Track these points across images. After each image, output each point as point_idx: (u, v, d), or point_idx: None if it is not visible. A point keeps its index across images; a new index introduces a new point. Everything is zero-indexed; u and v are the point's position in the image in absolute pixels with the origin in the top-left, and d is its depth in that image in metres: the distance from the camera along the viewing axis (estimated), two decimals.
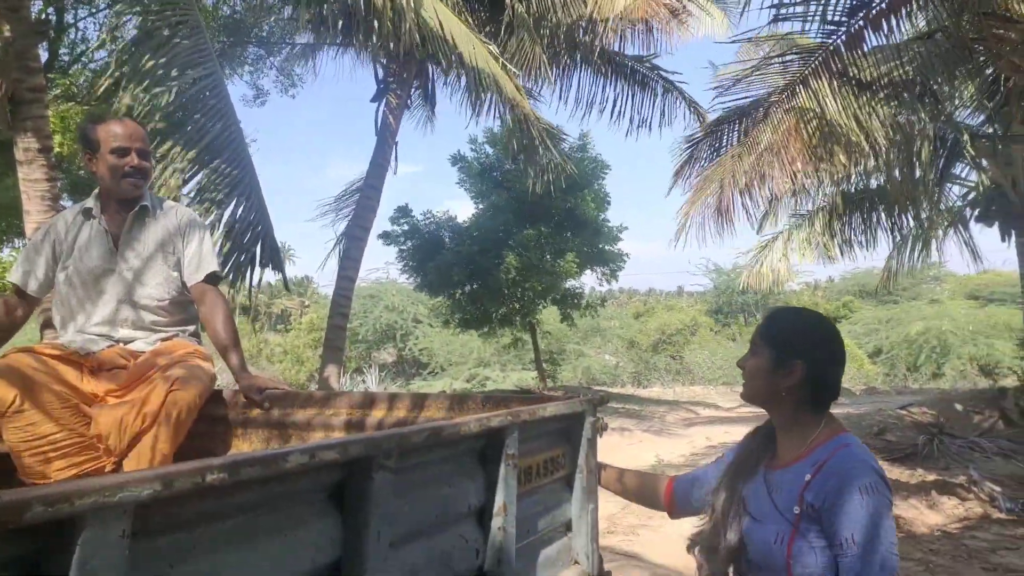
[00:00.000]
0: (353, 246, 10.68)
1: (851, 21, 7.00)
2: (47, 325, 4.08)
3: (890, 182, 10.24)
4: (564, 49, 11.55)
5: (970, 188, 12.13)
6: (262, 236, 6.83)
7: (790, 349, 1.71)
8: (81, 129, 2.79)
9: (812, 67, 7.46)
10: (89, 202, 2.78)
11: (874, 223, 12.54)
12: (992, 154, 10.23)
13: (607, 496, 2.31)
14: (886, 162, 9.79)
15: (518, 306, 17.04)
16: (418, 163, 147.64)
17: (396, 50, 8.58)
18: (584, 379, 27.16)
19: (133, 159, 2.67)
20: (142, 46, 6.02)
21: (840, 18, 6.99)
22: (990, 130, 10.37)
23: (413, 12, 7.38)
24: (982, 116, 10.41)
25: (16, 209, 7.22)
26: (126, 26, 6.69)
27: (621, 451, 9.71)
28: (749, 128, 9.31)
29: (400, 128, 11.34)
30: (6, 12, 4.58)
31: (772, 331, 1.78)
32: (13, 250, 13.01)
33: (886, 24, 6.86)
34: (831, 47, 7.23)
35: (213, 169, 6.51)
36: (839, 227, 12.61)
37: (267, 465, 1.09)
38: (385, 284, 30.63)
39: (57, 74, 11.86)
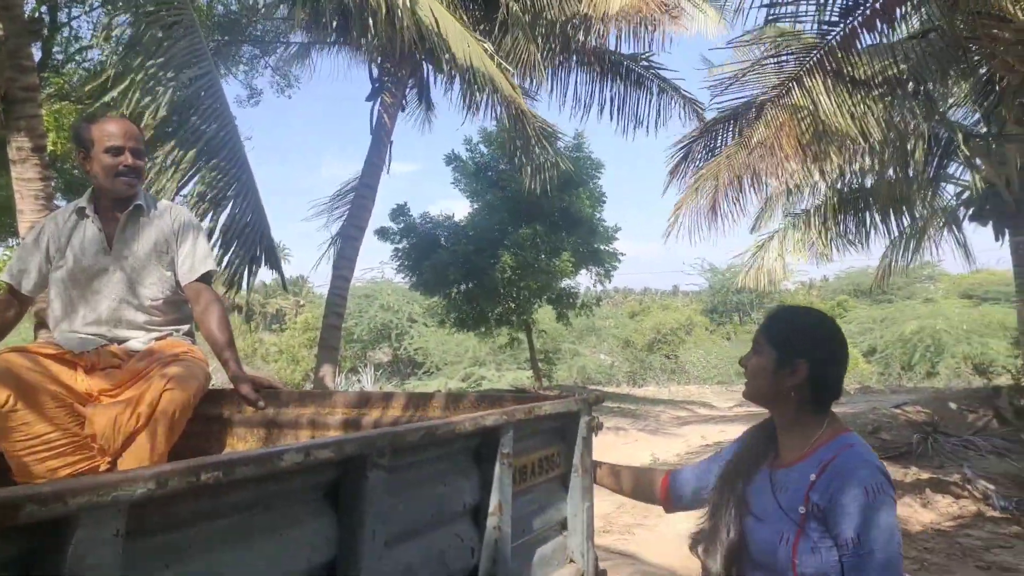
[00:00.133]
0: (348, 245, 10.67)
1: (845, 22, 7.02)
2: (41, 325, 4.07)
3: (884, 181, 10.27)
4: (559, 47, 11.53)
5: (964, 187, 12.16)
6: (259, 236, 6.82)
7: (794, 348, 1.71)
8: (75, 128, 2.78)
9: (807, 67, 7.47)
10: (83, 201, 2.76)
11: (868, 222, 12.54)
12: (986, 153, 10.26)
13: (602, 495, 2.31)
14: (880, 161, 9.82)
15: (514, 305, 17.03)
16: (416, 161, 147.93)
17: (391, 49, 8.56)
18: (579, 378, 27.14)
19: (127, 158, 2.66)
20: (136, 47, 6.00)
21: (834, 18, 7.01)
22: (984, 129, 10.39)
23: (409, 11, 7.37)
24: (976, 115, 10.44)
25: (10, 208, 7.20)
26: (120, 26, 6.66)
27: (616, 450, 9.71)
28: (744, 127, 9.31)
29: (396, 127, 11.36)
30: None
31: (775, 330, 1.78)
32: (7, 249, 12.96)
33: (880, 23, 6.89)
34: (825, 47, 7.25)
35: (210, 169, 6.50)
36: (833, 226, 12.62)
37: (262, 464, 1.09)
38: (380, 283, 30.60)
39: (50, 73, 11.81)
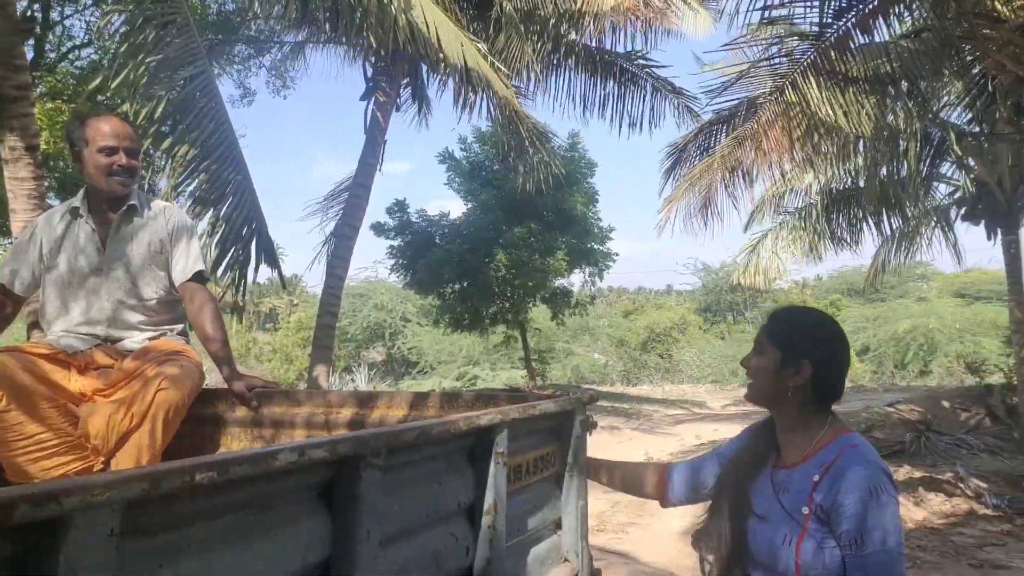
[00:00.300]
0: (342, 245, 10.65)
1: (838, 24, 7.04)
2: (34, 325, 4.05)
3: (877, 180, 10.28)
4: (553, 46, 11.53)
5: (956, 187, 12.19)
6: (256, 235, 6.81)
7: (796, 348, 1.70)
8: (68, 127, 2.77)
9: (800, 67, 7.49)
10: (76, 201, 2.75)
11: (860, 221, 12.57)
12: (978, 153, 10.29)
13: (596, 494, 2.31)
14: (872, 160, 9.84)
15: (508, 304, 17.04)
16: (412, 160, 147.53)
17: (384, 48, 8.54)
18: (573, 378, 27.17)
19: (121, 158, 2.65)
20: (130, 46, 5.98)
21: (827, 19, 7.03)
22: (976, 129, 10.42)
23: (403, 13, 7.34)
24: (968, 115, 10.47)
25: (2, 208, 7.16)
26: (113, 25, 6.63)
27: (610, 449, 9.73)
28: (737, 125, 9.32)
29: (391, 126, 11.33)
30: None
31: (778, 330, 1.77)
32: (0, 249, 12.90)
33: (873, 23, 6.91)
34: (819, 47, 7.26)
35: (206, 169, 6.48)
36: (826, 225, 12.65)
37: (256, 464, 1.08)
38: (374, 283, 30.59)
39: (43, 71, 11.76)
